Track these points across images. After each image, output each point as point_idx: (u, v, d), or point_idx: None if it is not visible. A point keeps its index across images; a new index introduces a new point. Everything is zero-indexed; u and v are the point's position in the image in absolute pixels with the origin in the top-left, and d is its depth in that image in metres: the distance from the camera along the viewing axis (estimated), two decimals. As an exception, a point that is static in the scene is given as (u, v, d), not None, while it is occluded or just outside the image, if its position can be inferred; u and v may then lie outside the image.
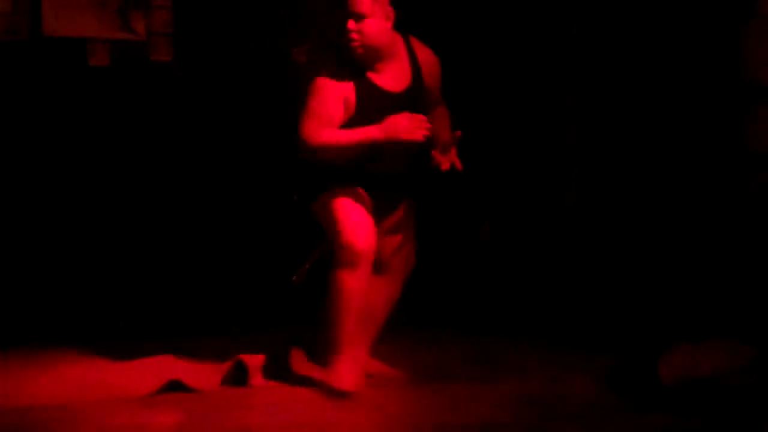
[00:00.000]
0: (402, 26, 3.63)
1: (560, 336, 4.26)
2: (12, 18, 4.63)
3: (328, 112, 3.46)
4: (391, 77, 3.58)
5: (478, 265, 4.89)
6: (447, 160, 3.49)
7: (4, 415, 3.36)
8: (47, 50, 4.66)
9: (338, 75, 3.50)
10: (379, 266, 3.71)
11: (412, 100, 3.59)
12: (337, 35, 3.50)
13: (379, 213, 3.66)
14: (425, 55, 3.69)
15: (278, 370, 3.81)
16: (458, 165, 3.51)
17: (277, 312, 4.49)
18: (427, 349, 4.12)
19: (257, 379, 3.70)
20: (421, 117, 3.44)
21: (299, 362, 3.76)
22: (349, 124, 3.52)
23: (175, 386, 3.63)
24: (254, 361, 3.75)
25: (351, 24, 3.47)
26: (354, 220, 3.49)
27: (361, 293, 3.48)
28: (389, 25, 3.54)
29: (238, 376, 3.72)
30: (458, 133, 3.49)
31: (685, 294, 4.28)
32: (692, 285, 4.30)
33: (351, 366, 3.50)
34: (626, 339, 4.07)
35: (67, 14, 4.67)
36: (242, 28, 4.85)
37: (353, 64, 3.52)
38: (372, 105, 3.52)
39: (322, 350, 3.58)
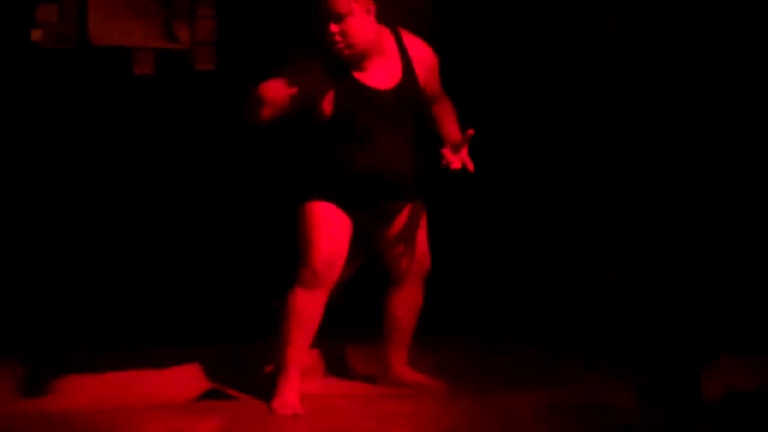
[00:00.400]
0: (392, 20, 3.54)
1: (600, 348, 4.22)
2: (59, 27, 4.69)
3: None
4: (380, 74, 3.46)
5: (516, 275, 4.86)
6: (457, 160, 3.39)
7: (43, 420, 3.39)
8: (93, 59, 4.72)
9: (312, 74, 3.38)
10: (393, 275, 3.69)
11: (403, 96, 3.48)
12: (320, 38, 3.39)
13: (378, 221, 3.60)
14: (417, 48, 3.55)
15: (320, 378, 3.82)
16: (469, 165, 3.42)
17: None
18: (465, 360, 4.09)
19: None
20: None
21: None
22: (335, 124, 3.44)
23: (215, 393, 3.64)
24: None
25: (333, 26, 3.35)
26: (322, 242, 3.42)
27: (316, 316, 3.44)
28: (372, 19, 3.41)
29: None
30: (471, 131, 3.39)
31: (731, 306, 4.24)
32: (739, 297, 4.25)
33: (293, 389, 3.47)
34: (668, 352, 4.03)
35: (113, 24, 4.72)
36: (286, 37, 4.86)
37: (338, 65, 3.41)
38: (359, 104, 3.43)
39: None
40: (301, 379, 3.53)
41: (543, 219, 4.92)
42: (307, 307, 3.42)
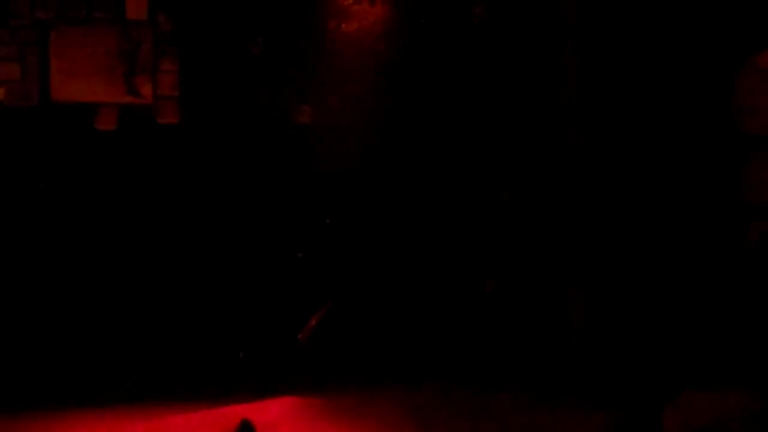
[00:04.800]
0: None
1: (562, 387, 4.26)
2: (22, 85, 4.72)
3: None
4: None
5: (481, 318, 4.89)
6: None
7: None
8: (56, 115, 4.74)
9: None
10: None
11: None
12: None
13: None
14: None
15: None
16: None
17: (282, 369, 4.50)
18: (442, 403, 4.12)
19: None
20: None
21: None
22: None
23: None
24: (262, 418, 3.76)
25: None
26: None
27: None
28: None
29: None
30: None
31: (692, 343, 4.29)
32: (698, 334, 4.30)
33: None
34: (631, 389, 4.07)
35: (75, 80, 4.75)
36: (248, 91, 4.90)
37: None
38: None
39: None
40: None
41: (506, 263, 4.96)
42: None
